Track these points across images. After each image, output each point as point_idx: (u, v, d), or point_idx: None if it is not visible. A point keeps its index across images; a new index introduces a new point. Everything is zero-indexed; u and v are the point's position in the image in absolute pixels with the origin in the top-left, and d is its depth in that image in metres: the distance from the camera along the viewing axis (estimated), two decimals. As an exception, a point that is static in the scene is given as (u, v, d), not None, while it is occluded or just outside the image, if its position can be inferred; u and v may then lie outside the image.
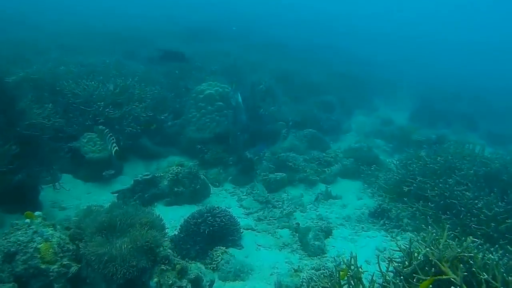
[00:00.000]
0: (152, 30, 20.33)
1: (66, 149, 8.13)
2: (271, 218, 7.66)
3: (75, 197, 7.66)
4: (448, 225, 6.77)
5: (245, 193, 8.68)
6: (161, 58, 9.79)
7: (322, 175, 9.62)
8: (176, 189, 7.61)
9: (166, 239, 5.36)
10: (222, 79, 11.61)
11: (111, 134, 6.75)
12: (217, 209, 6.26)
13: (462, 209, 6.87)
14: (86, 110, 8.38)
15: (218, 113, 10.01)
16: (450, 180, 7.54)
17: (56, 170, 7.96)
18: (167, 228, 7.00)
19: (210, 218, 6.04)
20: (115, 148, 6.53)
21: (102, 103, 8.45)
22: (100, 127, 7.57)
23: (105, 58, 11.01)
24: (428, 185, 7.81)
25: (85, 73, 9.75)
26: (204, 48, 15.54)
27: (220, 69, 12.87)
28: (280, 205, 8.21)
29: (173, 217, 7.30)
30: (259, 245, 6.62)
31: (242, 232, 6.70)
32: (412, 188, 7.95)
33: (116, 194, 7.77)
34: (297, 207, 8.21)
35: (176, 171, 7.69)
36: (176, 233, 6.26)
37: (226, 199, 8.40)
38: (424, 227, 7.29)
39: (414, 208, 7.67)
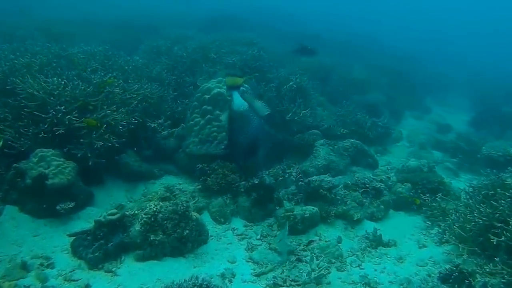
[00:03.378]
0: (166, 18, 18.01)
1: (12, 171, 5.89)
2: (292, 283, 5.08)
3: (14, 242, 5.34)
4: None
5: (259, 236, 6.14)
6: (298, 51, 9.47)
7: (368, 208, 6.93)
8: (152, 237, 5.12)
9: None
10: (239, 74, 9.09)
11: None
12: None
13: None
14: (41, 116, 6.05)
15: (229, 119, 7.48)
16: None
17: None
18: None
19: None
20: None
21: (63, 107, 6.10)
22: None
23: (89, 48, 8.64)
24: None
25: (55, 67, 7.43)
26: (224, 37, 13.00)
27: (239, 62, 10.31)
28: (307, 258, 5.62)
29: (145, 281, 4.86)
30: None
31: (243, 320, 4.18)
32: (503, 239, 5.16)
33: (74, 237, 5.44)
34: (333, 261, 5.62)
35: (154, 209, 5.18)
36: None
37: (230, 246, 5.84)
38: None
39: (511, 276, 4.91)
